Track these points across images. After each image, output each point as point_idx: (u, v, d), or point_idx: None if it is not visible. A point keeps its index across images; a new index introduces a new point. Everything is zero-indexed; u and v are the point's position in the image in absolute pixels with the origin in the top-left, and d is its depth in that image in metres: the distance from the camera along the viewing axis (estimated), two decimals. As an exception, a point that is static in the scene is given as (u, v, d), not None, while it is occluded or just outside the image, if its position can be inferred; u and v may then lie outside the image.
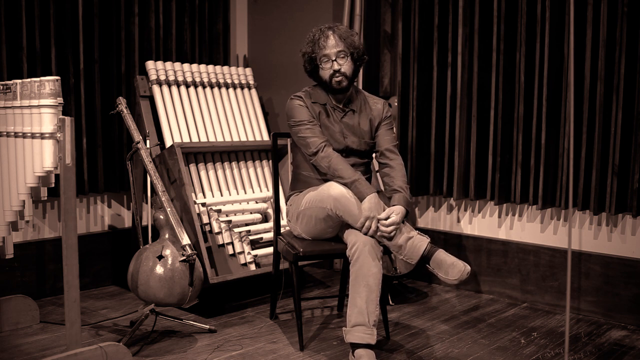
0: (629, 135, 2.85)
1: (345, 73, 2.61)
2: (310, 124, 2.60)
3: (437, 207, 3.68)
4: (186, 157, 3.31)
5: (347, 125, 2.68)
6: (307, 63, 2.67)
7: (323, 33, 2.62)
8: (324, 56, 2.60)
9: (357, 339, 2.35)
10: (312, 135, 2.58)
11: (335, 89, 2.64)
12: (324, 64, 2.62)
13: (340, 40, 2.60)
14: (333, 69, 2.59)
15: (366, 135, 2.69)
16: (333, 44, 2.59)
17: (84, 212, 3.49)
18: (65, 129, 2.20)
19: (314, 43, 2.62)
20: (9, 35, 3.06)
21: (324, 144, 2.57)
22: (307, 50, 2.65)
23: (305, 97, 2.67)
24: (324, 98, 2.69)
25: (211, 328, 2.82)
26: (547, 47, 3.03)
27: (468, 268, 2.28)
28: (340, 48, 2.59)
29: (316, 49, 2.61)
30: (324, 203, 2.48)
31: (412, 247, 2.36)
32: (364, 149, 2.69)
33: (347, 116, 2.69)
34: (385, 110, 2.74)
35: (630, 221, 2.97)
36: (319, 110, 2.66)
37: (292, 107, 2.65)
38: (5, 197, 2.43)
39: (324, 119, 2.66)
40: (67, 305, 2.22)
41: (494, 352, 2.61)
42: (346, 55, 2.61)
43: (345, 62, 2.61)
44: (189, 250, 2.61)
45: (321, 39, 2.60)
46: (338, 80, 2.61)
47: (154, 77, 3.41)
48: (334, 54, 2.59)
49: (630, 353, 2.61)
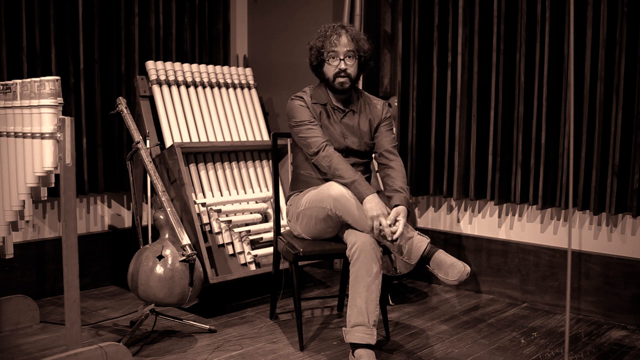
0: (629, 135, 2.85)
1: (350, 75, 2.61)
2: (311, 124, 2.60)
3: (437, 207, 3.68)
4: (186, 157, 3.31)
5: (347, 125, 2.68)
6: (314, 57, 2.65)
7: (336, 30, 2.61)
8: (332, 52, 2.59)
9: (357, 339, 2.35)
10: (313, 135, 2.58)
11: (337, 89, 2.64)
12: (331, 61, 2.61)
13: (352, 41, 2.61)
14: (339, 67, 2.59)
15: (366, 135, 2.69)
16: (345, 43, 2.59)
17: (84, 212, 3.49)
18: (65, 129, 2.20)
19: (325, 38, 2.61)
20: (9, 35, 3.06)
21: (325, 143, 2.56)
22: (317, 44, 2.63)
23: (306, 97, 2.67)
24: (325, 98, 2.69)
25: (211, 328, 2.82)
26: (547, 47, 3.03)
27: (468, 269, 2.28)
28: (351, 48, 2.60)
29: (327, 44, 2.60)
30: (324, 203, 2.48)
31: (412, 247, 2.36)
32: (363, 149, 2.69)
33: (347, 117, 2.69)
34: (385, 111, 2.74)
35: (630, 221, 2.97)
36: (319, 110, 2.66)
37: (293, 108, 2.65)
38: (5, 197, 2.43)
39: (325, 119, 2.66)
40: (67, 305, 2.22)
41: (494, 352, 2.62)
42: (354, 56, 2.61)
43: (353, 63, 2.62)
44: (189, 250, 2.61)
45: (333, 35, 2.59)
46: (341, 81, 2.61)
47: (154, 77, 3.41)
48: (343, 53, 2.59)
49: (630, 353, 2.61)
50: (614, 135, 2.86)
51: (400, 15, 3.54)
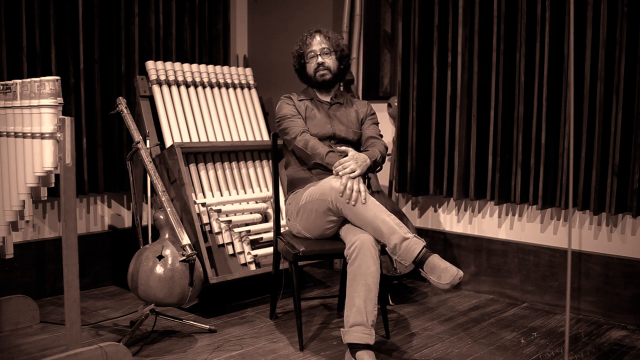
0: (629, 135, 2.85)
1: (329, 67, 2.84)
2: (293, 117, 2.78)
3: (437, 207, 3.68)
4: (186, 157, 3.31)
5: (334, 115, 2.85)
6: (297, 62, 2.92)
7: (310, 34, 2.89)
8: (310, 52, 2.85)
9: (356, 339, 2.33)
10: (293, 125, 2.75)
11: (319, 82, 2.86)
12: (309, 59, 2.86)
13: (326, 39, 2.87)
14: (317, 62, 2.83)
15: (353, 125, 2.87)
16: (318, 42, 2.86)
17: (84, 212, 3.50)
18: (65, 129, 2.20)
19: (302, 43, 2.89)
20: (9, 35, 3.06)
21: (303, 130, 2.72)
22: (298, 50, 2.90)
23: (293, 97, 2.87)
24: (312, 94, 2.91)
25: (211, 328, 2.82)
26: (547, 47, 3.03)
27: (461, 273, 2.27)
28: (325, 45, 2.85)
29: (304, 47, 2.87)
30: (325, 195, 2.50)
31: (407, 249, 2.35)
32: (351, 137, 2.83)
33: (332, 108, 2.88)
34: (369, 108, 2.95)
35: (630, 221, 2.97)
36: (305, 106, 2.84)
37: (278, 106, 2.86)
38: (5, 197, 2.43)
39: (310, 111, 2.84)
40: (67, 305, 2.22)
41: (494, 352, 2.62)
42: (330, 52, 2.85)
43: (330, 58, 2.85)
44: (189, 250, 2.61)
45: (308, 38, 2.88)
46: (322, 73, 2.84)
47: (154, 77, 3.41)
48: (318, 50, 2.84)
49: (630, 353, 2.61)
50: (614, 135, 2.86)
51: (400, 15, 3.54)
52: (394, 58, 3.69)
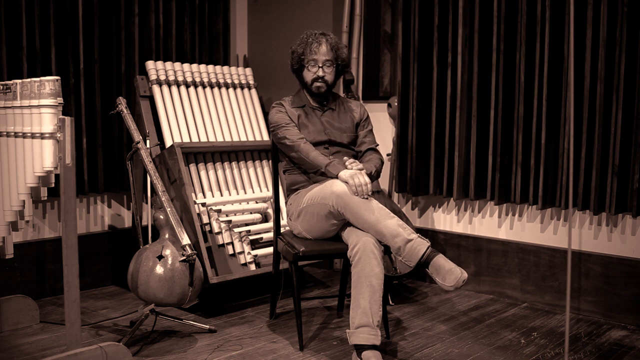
0: (629, 135, 2.85)
1: (328, 81, 2.79)
2: (287, 125, 2.74)
3: (437, 207, 3.68)
4: (186, 157, 3.31)
5: (327, 121, 2.82)
6: (295, 61, 2.82)
7: (317, 39, 2.77)
8: (312, 60, 2.76)
9: (362, 340, 2.34)
10: (288, 134, 2.70)
11: (314, 92, 2.81)
12: (310, 67, 2.78)
13: (332, 50, 2.77)
14: (317, 74, 2.76)
15: (348, 129, 2.84)
16: (324, 52, 2.76)
17: (84, 212, 3.50)
18: (65, 129, 2.20)
19: (306, 45, 2.78)
20: (9, 35, 3.06)
21: (300, 138, 2.69)
22: (298, 50, 2.80)
23: (285, 104, 2.82)
24: (304, 100, 2.85)
25: (211, 328, 2.82)
26: (547, 47, 3.03)
27: (465, 275, 2.28)
28: (329, 57, 2.76)
29: (307, 51, 2.77)
30: (326, 200, 2.50)
31: (411, 250, 2.35)
32: (346, 141, 2.81)
33: (325, 114, 2.85)
34: (362, 110, 2.91)
35: (630, 221, 2.97)
36: (298, 113, 2.80)
37: (271, 114, 2.80)
38: (5, 197, 2.43)
39: (304, 119, 2.80)
40: (67, 305, 2.22)
41: (494, 352, 2.62)
42: (332, 64, 2.78)
43: (331, 71, 2.78)
44: (189, 250, 2.61)
45: (314, 44, 2.76)
46: (318, 85, 2.78)
47: (154, 77, 3.41)
48: (322, 61, 2.76)
49: (630, 353, 2.61)
50: (614, 135, 2.86)
51: (400, 15, 3.54)
52: (394, 58, 3.69)
